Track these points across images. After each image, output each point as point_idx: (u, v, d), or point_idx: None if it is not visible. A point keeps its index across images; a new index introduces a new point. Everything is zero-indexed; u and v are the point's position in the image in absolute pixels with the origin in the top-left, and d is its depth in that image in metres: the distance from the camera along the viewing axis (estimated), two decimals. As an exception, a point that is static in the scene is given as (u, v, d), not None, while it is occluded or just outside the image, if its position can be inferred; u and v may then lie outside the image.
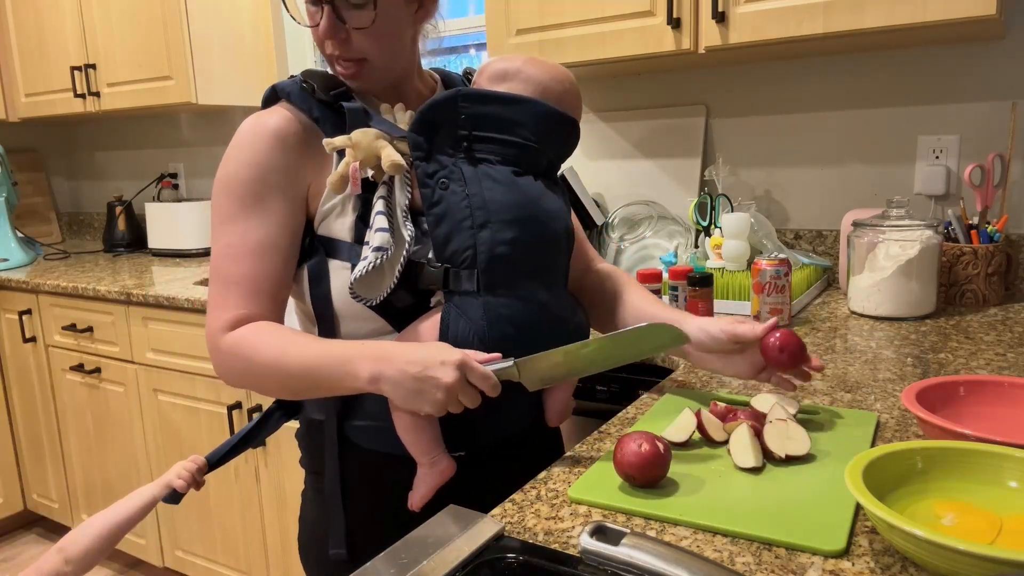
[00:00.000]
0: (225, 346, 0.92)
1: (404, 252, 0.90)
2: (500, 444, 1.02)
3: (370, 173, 0.92)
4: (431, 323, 0.92)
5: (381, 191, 0.92)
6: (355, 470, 1.01)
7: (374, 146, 0.91)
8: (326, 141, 0.91)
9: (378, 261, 0.88)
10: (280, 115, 0.95)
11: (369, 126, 0.94)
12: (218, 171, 0.96)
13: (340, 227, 0.95)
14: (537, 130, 0.97)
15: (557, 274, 1.00)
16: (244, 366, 0.91)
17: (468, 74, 1.10)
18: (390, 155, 0.90)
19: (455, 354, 0.83)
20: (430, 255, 0.93)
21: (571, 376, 0.92)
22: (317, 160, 0.95)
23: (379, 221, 0.90)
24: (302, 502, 1.09)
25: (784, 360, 0.92)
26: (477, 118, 0.94)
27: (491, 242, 0.91)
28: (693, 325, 0.98)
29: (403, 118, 0.98)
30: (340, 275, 0.94)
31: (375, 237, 0.89)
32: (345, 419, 0.99)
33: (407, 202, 0.93)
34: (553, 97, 0.99)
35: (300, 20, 0.97)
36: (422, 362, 0.83)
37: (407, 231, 0.91)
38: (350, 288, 0.90)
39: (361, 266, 0.89)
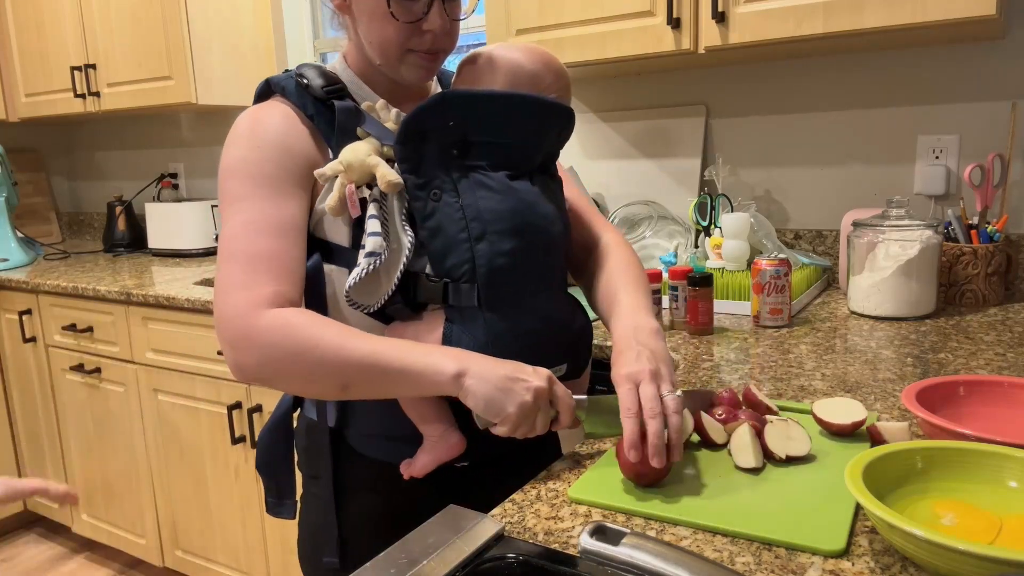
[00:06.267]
0: (267, 323, 0.83)
1: (404, 258, 0.86)
2: (502, 451, 1.01)
3: (367, 193, 0.89)
4: (433, 340, 0.89)
5: (374, 194, 0.89)
6: (353, 475, 0.99)
7: (366, 165, 0.88)
8: (317, 173, 0.89)
9: (371, 267, 0.84)
10: (281, 109, 0.92)
11: (357, 129, 0.91)
12: (225, 157, 0.91)
13: (336, 231, 0.92)
14: (527, 126, 0.91)
15: (556, 277, 0.96)
16: (292, 346, 0.82)
17: None
18: (385, 174, 0.87)
19: (543, 369, 0.84)
20: (427, 269, 0.89)
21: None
22: (319, 159, 0.92)
23: (372, 225, 0.86)
24: (302, 506, 1.06)
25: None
26: (466, 121, 0.88)
27: (489, 254, 0.87)
28: (625, 325, 0.92)
29: (388, 116, 0.93)
30: (337, 280, 0.92)
31: (368, 242, 0.85)
32: (344, 426, 0.98)
33: (405, 208, 0.89)
34: (526, 76, 0.93)
35: (401, 16, 0.89)
36: (513, 364, 0.83)
37: (407, 237, 0.87)
38: (346, 294, 0.87)
39: (355, 272, 0.86)
